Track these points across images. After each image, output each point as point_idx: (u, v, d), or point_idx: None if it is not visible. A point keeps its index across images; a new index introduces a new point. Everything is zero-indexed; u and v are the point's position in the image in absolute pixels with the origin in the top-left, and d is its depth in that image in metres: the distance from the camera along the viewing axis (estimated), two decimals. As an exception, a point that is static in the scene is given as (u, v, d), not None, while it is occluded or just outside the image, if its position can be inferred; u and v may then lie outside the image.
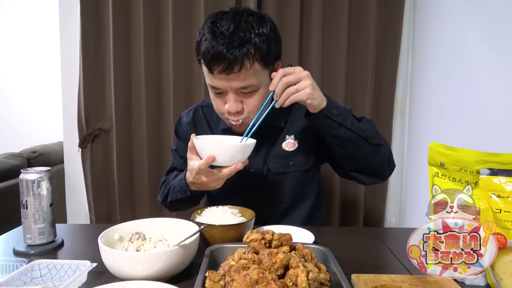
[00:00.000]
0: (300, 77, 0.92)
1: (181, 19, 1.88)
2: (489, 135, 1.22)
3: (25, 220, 0.90)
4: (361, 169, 1.08)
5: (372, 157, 1.04)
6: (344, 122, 0.98)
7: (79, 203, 2.08)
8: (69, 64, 1.99)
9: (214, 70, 0.96)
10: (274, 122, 1.14)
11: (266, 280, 0.57)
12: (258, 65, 0.97)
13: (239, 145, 0.95)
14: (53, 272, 0.74)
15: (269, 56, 0.99)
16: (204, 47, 0.96)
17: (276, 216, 1.17)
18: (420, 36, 1.82)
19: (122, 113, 1.96)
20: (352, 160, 1.05)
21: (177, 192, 1.07)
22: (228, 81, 0.97)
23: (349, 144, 1.01)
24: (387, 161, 1.08)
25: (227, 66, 0.93)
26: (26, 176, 0.90)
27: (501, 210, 0.72)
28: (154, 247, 0.81)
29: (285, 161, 1.14)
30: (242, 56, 0.93)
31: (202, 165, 0.92)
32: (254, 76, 0.97)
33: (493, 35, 1.23)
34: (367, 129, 1.02)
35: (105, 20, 1.92)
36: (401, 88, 1.94)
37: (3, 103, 3.45)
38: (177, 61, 1.90)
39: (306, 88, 0.92)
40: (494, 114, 1.21)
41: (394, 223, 2.01)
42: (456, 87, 1.44)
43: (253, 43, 0.95)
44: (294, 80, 0.92)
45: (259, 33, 0.96)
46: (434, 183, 0.81)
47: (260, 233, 0.70)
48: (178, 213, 1.97)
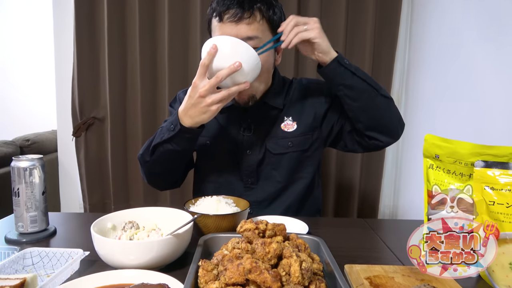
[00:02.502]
0: (309, 20, 0.99)
1: (177, 7, 1.85)
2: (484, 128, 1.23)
3: (17, 208, 0.90)
4: (376, 125, 1.08)
5: (387, 109, 1.07)
6: (357, 71, 1.03)
7: (73, 192, 2.07)
8: (63, 52, 1.96)
9: (225, 15, 0.99)
10: (272, 102, 1.15)
11: (259, 270, 0.57)
12: (265, 24, 1.03)
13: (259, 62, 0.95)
14: (45, 260, 0.74)
15: (276, 23, 1.05)
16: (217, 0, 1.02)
17: (272, 195, 1.17)
18: (417, 28, 1.81)
19: (116, 102, 1.94)
20: (367, 113, 1.06)
21: (165, 131, 1.02)
22: (237, 29, 0.99)
23: (363, 94, 1.04)
24: (398, 116, 1.10)
25: (238, 12, 0.98)
26: (18, 163, 0.89)
27: (494, 203, 0.72)
28: (148, 236, 0.81)
29: (284, 141, 1.15)
30: (254, 7, 1.00)
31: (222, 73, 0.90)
32: (261, 31, 1.02)
33: (489, 28, 1.22)
34: (377, 82, 1.07)
35: (100, 8, 1.88)
36: (398, 80, 1.93)
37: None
38: (173, 49, 1.87)
39: (315, 29, 0.98)
40: (489, 106, 1.21)
41: (388, 214, 2.03)
42: (452, 79, 1.44)
43: (265, 2, 1.02)
44: (303, 21, 0.99)
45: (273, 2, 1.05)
46: (428, 175, 0.81)
47: (254, 223, 0.70)
48: (172, 203, 1.98)
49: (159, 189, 1.26)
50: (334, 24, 1.86)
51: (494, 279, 0.72)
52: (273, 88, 1.16)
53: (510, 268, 0.70)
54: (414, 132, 1.81)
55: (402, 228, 1.01)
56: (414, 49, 1.84)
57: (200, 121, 0.97)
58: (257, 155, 1.15)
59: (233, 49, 0.92)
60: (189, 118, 0.97)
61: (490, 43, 1.21)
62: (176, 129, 0.99)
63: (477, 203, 0.74)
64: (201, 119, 0.97)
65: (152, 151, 1.05)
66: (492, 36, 1.20)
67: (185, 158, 1.12)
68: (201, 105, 0.94)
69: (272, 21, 1.04)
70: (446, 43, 1.51)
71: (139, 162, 1.13)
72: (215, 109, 0.94)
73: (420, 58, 1.77)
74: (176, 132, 0.99)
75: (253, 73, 0.95)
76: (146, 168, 1.12)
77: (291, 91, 1.19)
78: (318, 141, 1.19)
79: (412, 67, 1.86)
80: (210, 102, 0.93)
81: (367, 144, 1.12)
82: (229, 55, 0.91)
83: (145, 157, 1.09)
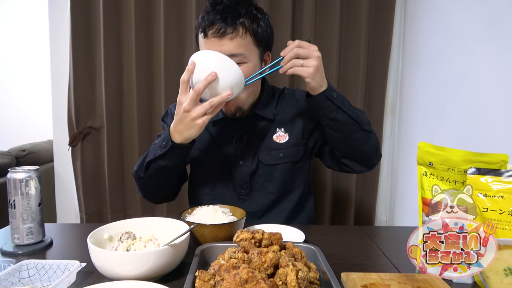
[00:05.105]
0: (310, 55, 0.96)
1: (172, 17, 1.86)
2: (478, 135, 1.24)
3: (13, 219, 0.89)
4: (353, 155, 1.12)
5: (364, 143, 1.09)
6: (342, 105, 1.04)
7: (69, 202, 2.06)
8: (59, 61, 1.96)
9: (209, 31, 1.00)
10: (262, 113, 1.16)
11: (256, 279, 0.57)
12: (250, 39, 1.03)
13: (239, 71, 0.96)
14: (42, 273, 0.73)
15: (261, 36, 1.05)
16: (203, 15, 1.02)
17: (266, 206, 1.18)
18: (411, 35, 1.84)
19: (113, 112, 1.94)
20: (346, 144, 1.10)
21: (158, 148, 1.04)
22: (220, 46, 1.00)
23: (345, 127, 1.06)
24: (376, 148, 1.13)
25: (221, 27, 0.99)
26: (14, 175, 0.88)
27: (487, 209, 0.73)
28: (144, 247, 0.81)
29: (276, 153, 1.16)
30: (237, 22, 1.00)
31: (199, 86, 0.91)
32: (245, 47, 1.02)
33: (484, 35, 1.24)
34: (361, 115, 1.08)
35: (96, 17, 1.89)
36: (392, 87, 1.95)
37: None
38: (169, 59, 1.88)
39: (310, 68, 0.96)
40: (483, 114, 1.23)
41: (384, 221, 2.03)
42: (446, 87, 1.45)
43: (249, 16, 1.02)
44: (304, 55, 0.96)
45: (255, 13, 1.05)
46: (422, 182, 0.82)
47: (250, 232, 0.70)
48: (168, 213, 1.97)
49: (154, 202, 1.29)
50: (328, 33, 1.88)
51: (489, 285, 0.73)
52: (262, 98, 1.17)
53: (504, 274, 0.71)
54: (409, 140, 1.83)
55: (399, 235, 1.02)
56: (408, 57, 1.86)
57: (189, 136, 0.99)
58: (250, 166, 1.16)
59: (208, 61, 0.94)
60: (179, 134, 0.99)
61: (483, 50, 1.23)
62: (167, 146, 1.01)
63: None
64: (190, 134, 0.98)
65: (146, 167, 1.08)
66: (486, 44, 1.22)
67: (178, 172, 1.14)
68: (187, 120, 0.95)
69: (256, 34, 1.04)
70: (439, 51, 1.53)
71: (134, 178, 1.16)
72: (201, 122, 0.95)
73: (413, 66, 1.79)
74: (167, 148, 1.01)
75: (233, 83, 0.95)
76: (141, 183, 1.15)
77: (283, 102, 1.21)
78: (307, 153, 1.21)
79: (406, 75, 1.88)
80: (194, 116, 0.95)
81: (341, 169, 1.18)
82: (206, 68, 0.93)
83: (139, 173, 1.11)
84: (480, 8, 1.26)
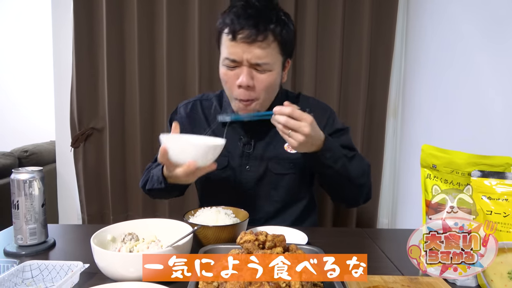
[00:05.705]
0: (299, 129, 0.91)
1: (175, 17, 1.87)
2: (482, 137, 1.24)
3: (16, 220, 0.89)
4: (341, 199, 1.18)
5: (355, 194, 1.12)
6: (334, 164, 1.02)
7: (71, 203, 2.06)
8: (61, 62, 1.97)
9: (239, 35, 0.98)
10: None
11: (260, 282, 0.57)
12: (276, 47, 1.02)
13: (209, 146, 0.92)
14: (45, 273, 0.73)
15: (287, 44, 1.05)
16: (234, 12, 1.00)
17: (269, 214, 1.17)
18: (413, 37, 1.84)
19: (115, 113, 1.94)
20: (333, 192, 1.16)
21: (155, 182, 1.07)
22: (248, 51, 0.99)
23: (335, 181, 1.07)
24: (364, 197, 1.14)
25: (253, 33, 0.97)
26: (18, 176, 0.89)
27: (491, 212, 0.73)
28: (147, 248, 0.81)
29: (287, 162, 1.15)
30: (269, 29, 0.98)
31: (180, 172, 0.90)
32: (271, 56, 1.02)
33: (486, 37, 1.24)
34: (355, 169, 1.06)
35: (98, 19, 1.90)
36: (394, 89, 1.95)
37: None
38: (171, 60, 1.89)
39: (295, 142, 0.93)
40: (486, 116, 1.22)
41: (386, 224, 2.03)
42: (449, 89, 1.45)
43: (279, 23, 1.01)
44: (294, 127, 0.92)
45: (286, 21, 1.04)
46: (426, 185, 0.82)
47: (254, 234, 0.70)
48: (171, 214, 1.97)
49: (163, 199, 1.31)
50: (330, 35, 1.88)
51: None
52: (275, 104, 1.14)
53: (508, 277, 0.70)
54: (411, 142, 1.82)
55: (401, 237, 1.01)
56: (410, 59, 1.86)
57: (185, 182, 0.99)
58: (257, 172, 1.15)
59: (180, 148, 0.90)
60: (174, 180, 0.99)
61: (486, 52, 1.23)
62: (163, 184, 1.03)
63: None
64: (185, 181, 0.98)
65: (148, 191, 1.13)
66: (489, 46, 1.22)
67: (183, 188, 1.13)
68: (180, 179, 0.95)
69: (284, 42, 1.03)
70: (441, 53, 1.53)
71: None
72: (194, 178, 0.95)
73: (416, 68, 1.79)
74: (164, 186, 1.03)
75: (208, 158, 0.92)
76: (148, 195, 1.19)
77: None
78: None
79: (408, 77, 1.88)
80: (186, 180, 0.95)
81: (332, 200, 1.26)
82: (179, 153, 0.90)
83: (144, 188, 1.15)
84: (482, 10, 1.26)
